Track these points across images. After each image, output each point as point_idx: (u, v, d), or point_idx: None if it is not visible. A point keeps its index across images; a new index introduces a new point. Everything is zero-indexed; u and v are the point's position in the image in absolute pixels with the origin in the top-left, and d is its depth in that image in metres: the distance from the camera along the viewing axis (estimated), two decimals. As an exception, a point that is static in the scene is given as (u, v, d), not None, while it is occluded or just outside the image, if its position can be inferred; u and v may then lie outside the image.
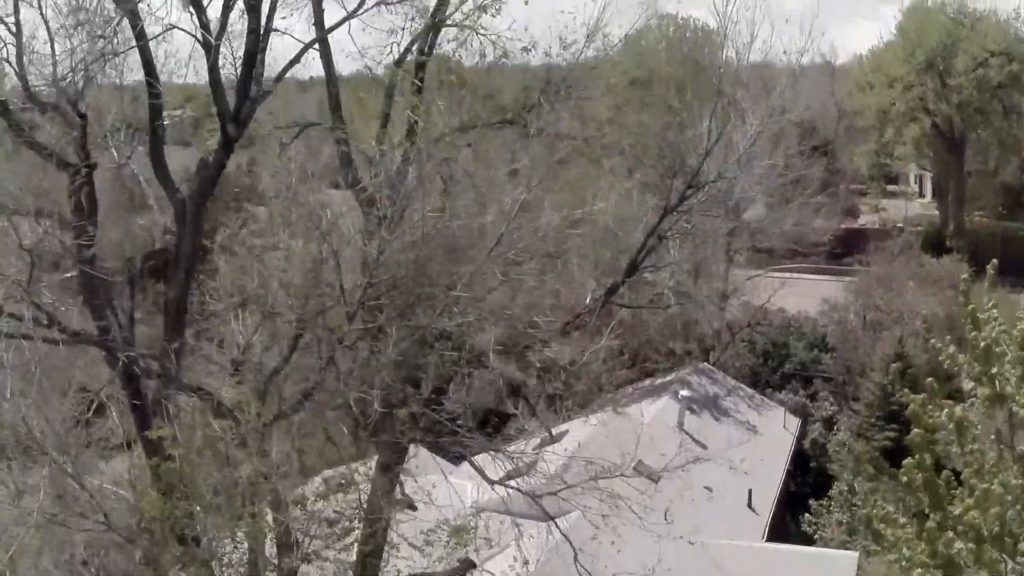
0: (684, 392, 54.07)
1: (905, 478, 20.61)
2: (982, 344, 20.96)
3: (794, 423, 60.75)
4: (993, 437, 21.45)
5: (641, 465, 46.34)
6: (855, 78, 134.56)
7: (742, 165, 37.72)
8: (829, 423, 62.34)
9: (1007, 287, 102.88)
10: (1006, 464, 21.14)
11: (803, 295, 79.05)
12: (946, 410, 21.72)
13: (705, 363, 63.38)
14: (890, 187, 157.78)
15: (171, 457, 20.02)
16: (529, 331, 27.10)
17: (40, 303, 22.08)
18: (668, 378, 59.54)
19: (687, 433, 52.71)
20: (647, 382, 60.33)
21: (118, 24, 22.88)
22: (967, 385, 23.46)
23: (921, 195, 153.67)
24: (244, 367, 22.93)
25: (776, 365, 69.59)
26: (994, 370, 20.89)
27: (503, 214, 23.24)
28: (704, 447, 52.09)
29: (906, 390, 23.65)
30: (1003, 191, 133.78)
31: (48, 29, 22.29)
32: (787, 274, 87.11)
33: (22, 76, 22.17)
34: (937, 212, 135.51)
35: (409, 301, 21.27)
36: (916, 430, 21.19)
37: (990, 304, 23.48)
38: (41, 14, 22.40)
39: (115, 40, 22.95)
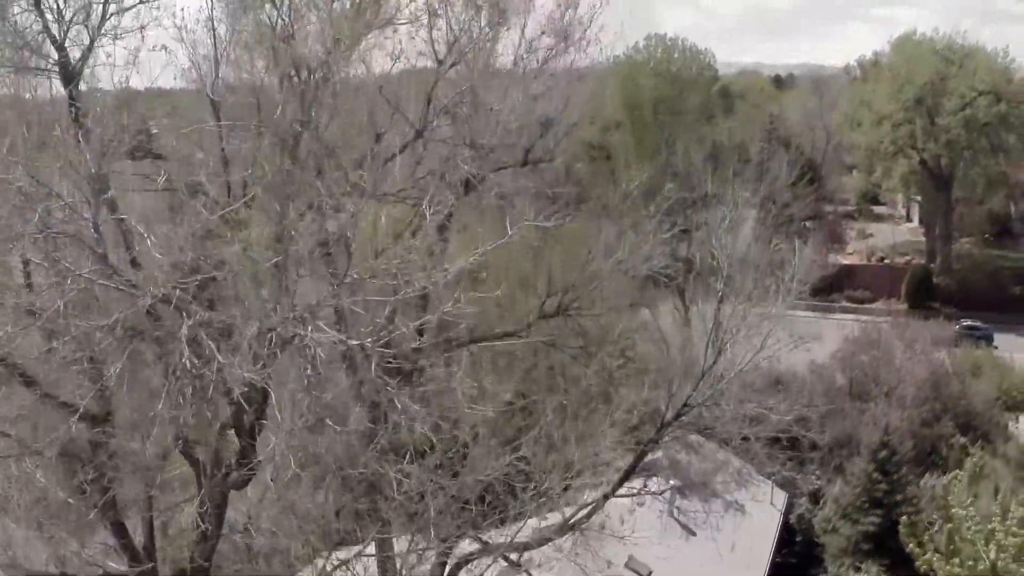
0: (674, 481, 54.67)
1: None
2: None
3: (781, 498, 61.35)
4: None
5: (632, 561, 47.22)
6: (843, 110, 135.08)
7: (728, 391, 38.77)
8: (815, 497, 62.93)
9: (993, 326, 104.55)
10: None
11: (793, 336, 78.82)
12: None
13: (695, 435, 63.77)
14: (877, 208, 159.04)
15: None
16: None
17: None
18: (658, 455, 59.89)
19: (677, 520, 53.46)
20: (636, 454, 60.55)
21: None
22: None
23: (908, 219, 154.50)
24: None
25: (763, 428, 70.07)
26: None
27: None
28: (693, 533, 52.91)
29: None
30: (990, 219, 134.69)
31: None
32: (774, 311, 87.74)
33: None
34: (924, 239, 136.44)
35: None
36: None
37: (969, 501, 24.49)
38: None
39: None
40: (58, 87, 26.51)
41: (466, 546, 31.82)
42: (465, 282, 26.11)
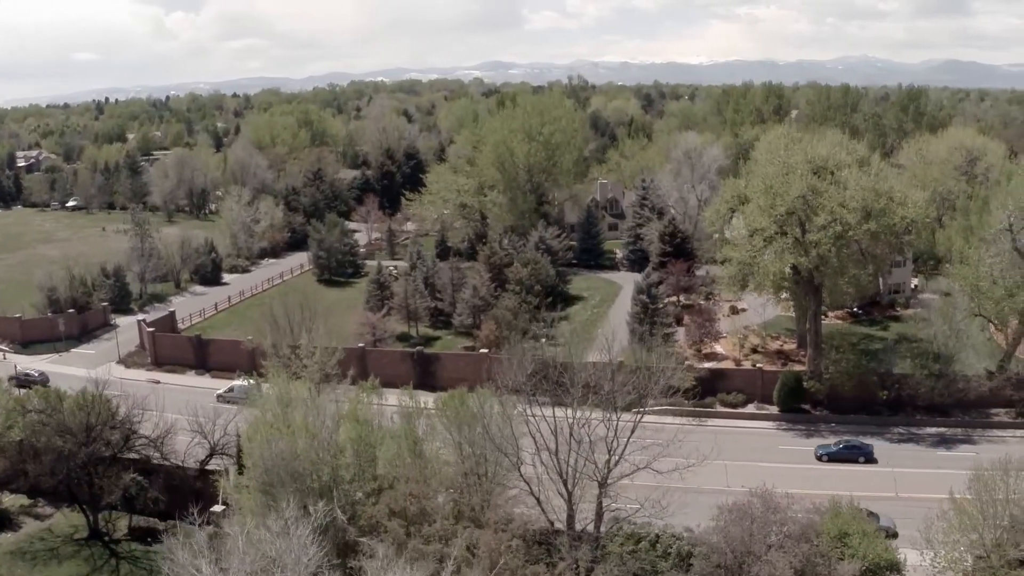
0: None
1: None
2: None
3: None
4: None
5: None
6: (715, 207, 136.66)
7: None
8: None
9: (858, 426, 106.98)
10: None
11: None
12: None
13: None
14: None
15: None
16: None
17: None
18: None
19: None
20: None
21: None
22: None
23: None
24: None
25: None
26: None
27: None
28: None
29: None
30: (859, 294, 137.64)
31: None
32: (654, 418, 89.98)
33: None
34: (794, 313, 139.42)
35: None
36: None
37: None
38: None
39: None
40: None
41: None
42: None
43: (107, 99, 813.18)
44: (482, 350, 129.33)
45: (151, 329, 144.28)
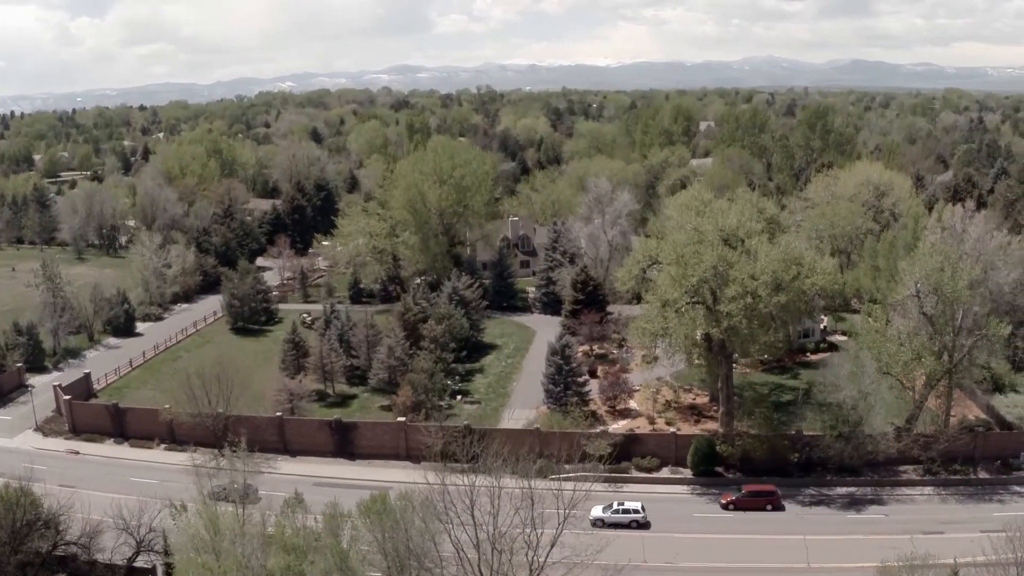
0: None
1: None
2: None
3: None
4: None
5: None
6: (627, 268, 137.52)
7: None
8: None
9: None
10: None
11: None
12: None
13: None
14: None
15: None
16: None
17: None
18: None
19: None
20: None
21: None
22: None
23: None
24: None
25: None
26: None
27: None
28: None
29: None
30: (767, 348, 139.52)
31: None
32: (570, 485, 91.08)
33: None
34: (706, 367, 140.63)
35: None
36: None
37: None
38: None
39: None
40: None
41: None
42: None
43: (12, 113, 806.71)
44: (400, 418, 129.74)
45: (67, 397, 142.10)
